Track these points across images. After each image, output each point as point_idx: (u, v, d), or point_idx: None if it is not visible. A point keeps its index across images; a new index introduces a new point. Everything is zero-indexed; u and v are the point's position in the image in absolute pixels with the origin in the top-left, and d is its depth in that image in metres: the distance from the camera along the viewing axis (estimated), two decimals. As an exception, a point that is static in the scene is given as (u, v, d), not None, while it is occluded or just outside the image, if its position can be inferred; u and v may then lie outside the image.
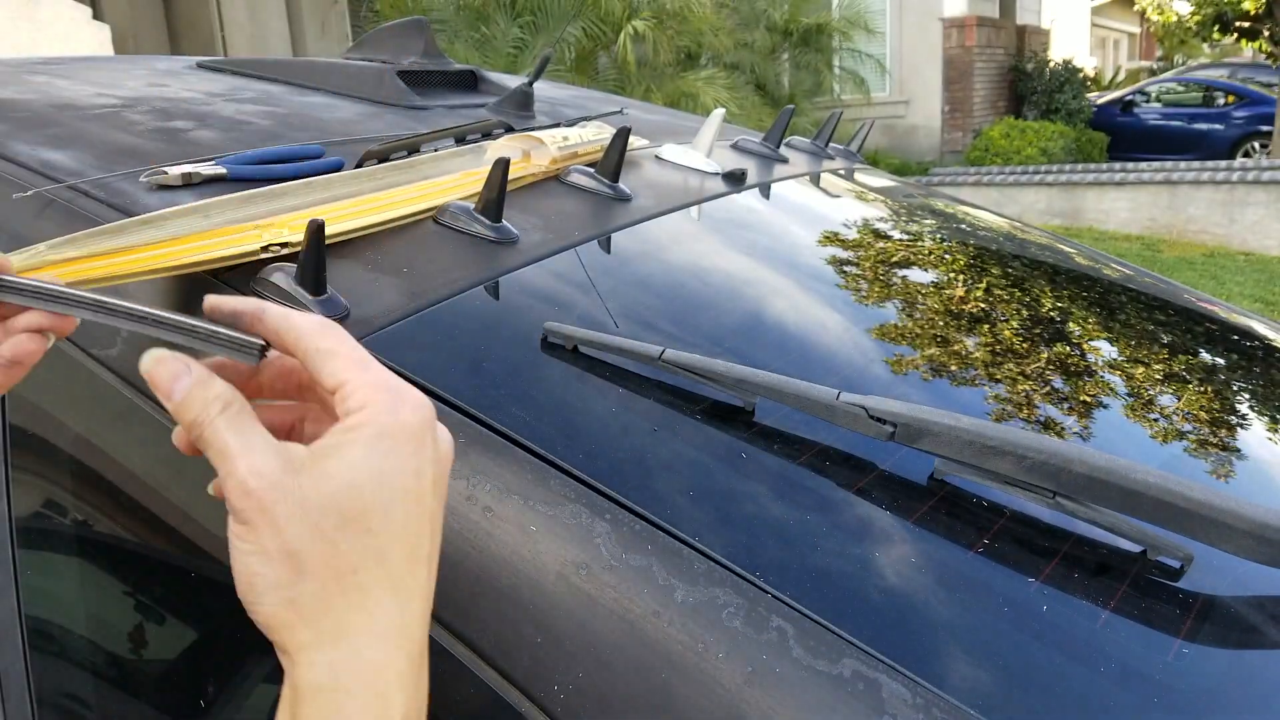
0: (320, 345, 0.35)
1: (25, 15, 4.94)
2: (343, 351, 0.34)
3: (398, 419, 0.33)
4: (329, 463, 0.33)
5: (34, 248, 0.60)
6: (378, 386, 0.34)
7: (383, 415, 0.33)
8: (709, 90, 7.32)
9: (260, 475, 0.32)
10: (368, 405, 0.33)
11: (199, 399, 0.34)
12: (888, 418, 0.55)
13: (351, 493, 0.32)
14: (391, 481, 0.33)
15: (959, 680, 0.44)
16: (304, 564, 0.32)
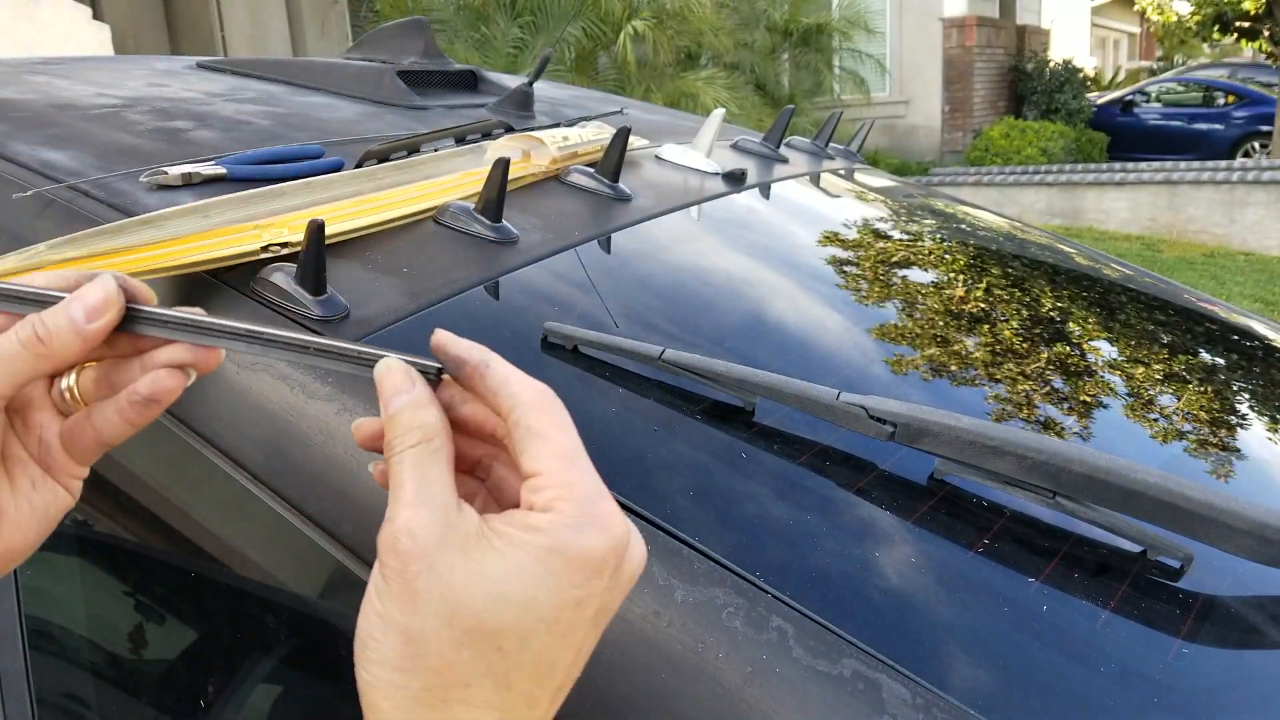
0: (532, 423, 0.31)
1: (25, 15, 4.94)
2: (553, 438, 0.31)
3: (579, 540, 0.29)
4: (489, 559, 0.29)
5: (34, 248, 0.60)
6: (574, 494, 0.30)
7: (565, 530, 0.29)
8: (709, 90, 7.33)
9: (415, 538, 0.29)
10: (554, 510, 0.30)
11: (404, 422, 0.32)
12: (888, 418, 0.55)
13: (497, 605, 0.29)
14: (543, 608, 0.29)
15: (959, 680, 0.44)
16: (420, 656, 0.29)
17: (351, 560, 0.55)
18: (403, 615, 0.29)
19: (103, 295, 0.33)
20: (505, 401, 0.32)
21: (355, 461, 0.56)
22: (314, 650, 0.63)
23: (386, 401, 0.33)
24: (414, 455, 0.31)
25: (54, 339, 0.33)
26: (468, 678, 0.29)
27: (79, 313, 0.33)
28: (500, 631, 0.29)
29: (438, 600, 0.29)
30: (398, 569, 0.29)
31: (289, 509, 0.57)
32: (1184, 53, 18.99)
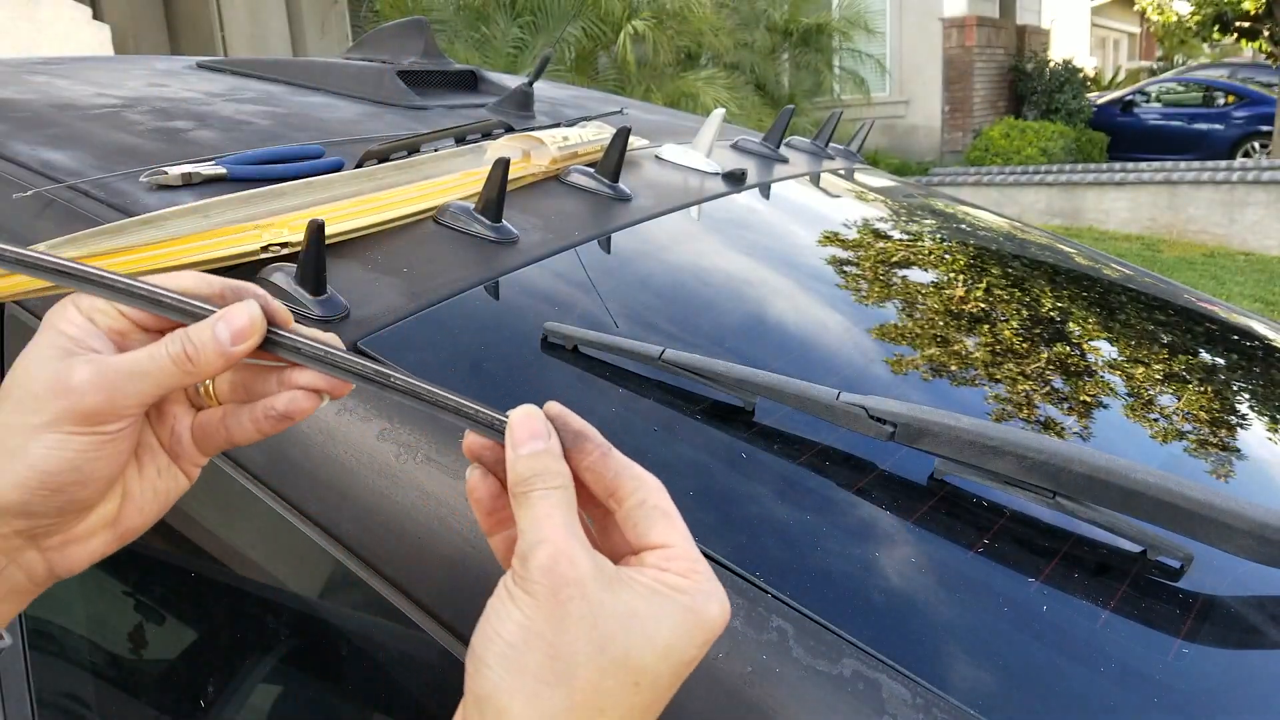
0: (660, 504, 0.35)
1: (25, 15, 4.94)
2: (678, 520, 0.35)
3: (709, 608, 0.33)
4: (637, 601, 0.32)
5: (33, 248, 0.60)
6: (703, 570, 0.34)
7: (699, 598, 0.33)
8: (709, 90, 7.32)
9: (575, 565, 0.32)
10: (691, 578, 0.33)
11: (545, 467, 0.34)
12: (888, 418, 0.55)
13: (645, 645, 0.32)
14: (676, 657, 0.32)
15: (959, 680, 0.44)
16: (567, 675, 0.31)
17: (351, 560, 0.55)
18: (553, 633, 0.31)
19: (248, 321, 0.36)
20: (630, 483, 0.35)
21: (355, 461, 0.56)
22: (314, 650, 0.63)
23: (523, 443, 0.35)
24: (558, 496, 0.34)
25: (200, 357, 0.36)
26: (604, 705, 0.31)
27: (224, 334, 0.36)
28: (642, 669, 0.32)
29: (590, 627, 0.31)
30: (550, 589, 0.31)
31: (289, 509, 0.57)
32: (1184, 53, 18.99)
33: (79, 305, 0.36)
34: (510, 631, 0.32)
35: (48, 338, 0.36)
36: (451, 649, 0.50)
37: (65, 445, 0.34)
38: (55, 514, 0.36)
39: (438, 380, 0.58)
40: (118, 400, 0.35)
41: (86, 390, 0.34)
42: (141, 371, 0.35)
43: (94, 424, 0.35)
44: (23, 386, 0.35)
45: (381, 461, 0.55)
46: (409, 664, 0.56)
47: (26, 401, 0.34)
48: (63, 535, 0.37)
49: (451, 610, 0.51)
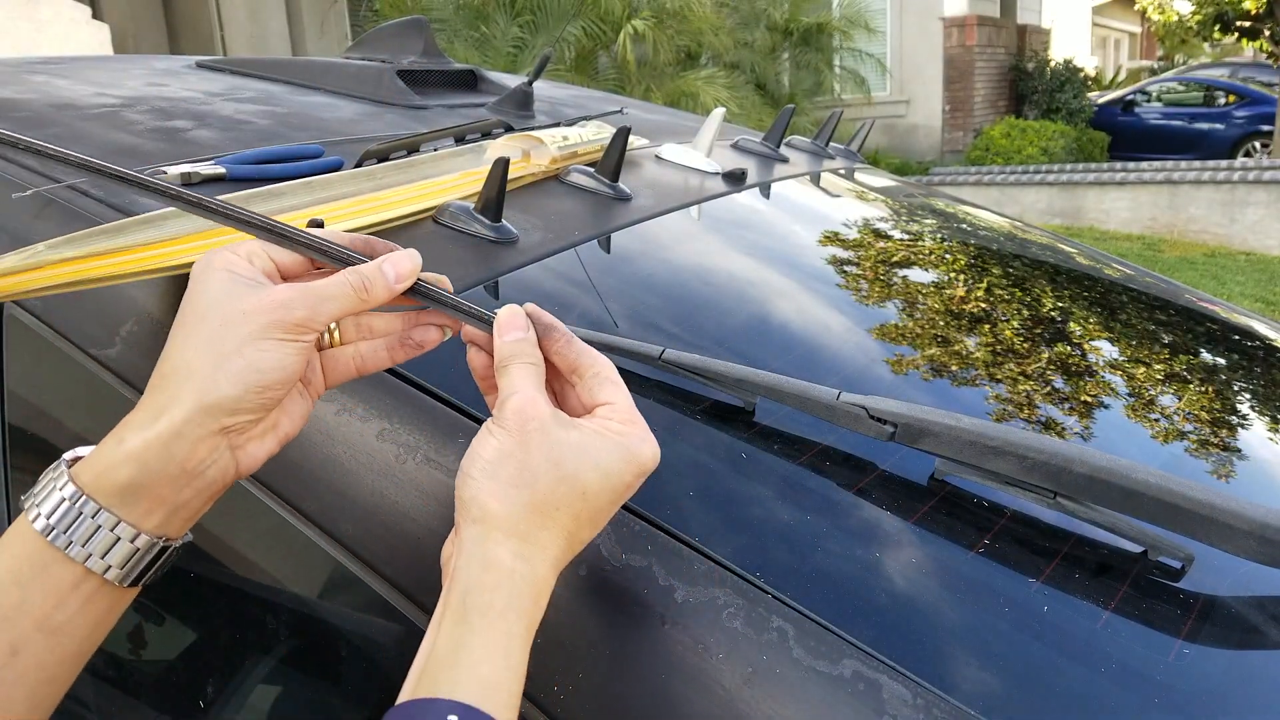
0: (610, 376, 0.46)
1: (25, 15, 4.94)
2: (622, 389, 0.46)
3: (642, 449, 0.44)
4: (586, 438, 0.43)
5: (33, 247, 0.60)
6: (639, 422, 0.45)
7: (634, 440, 0.44)
8: (709, 90, 7.32)
9: (537, 409, 0.43)
10: (629, 426, 0.44)
11: (523, 350, 0.45)
12: (888, 418, 0.55)
13: (589, 466, 0.42)
14: (613, 480, 0.43)
15: (960, 680, 0.44)
16: (529, 481, 0.41)
17: (350, 559, 0.55)
18: (521, 453, 0.42)
19: (410, 265, 0.46)
20: (587, 360, 0.47)
21: (355, 463, 0.56)
22: (313, 650, 0.63)
23: (507, 332, 0.46)
24: (530, 369, 0.45)
25: (373, 288, 0.45)
26: (559, 505, 0.42)
27: (391, 273, 0.45)
28: (587, 484, 0.42)
29: (548, 450, 0.42)
30: (519, 425, 0.42)
31: (289, 509, 0.57)
32: (1185, 52, 18.98)
33: (237, 251, 0.44)
34: (489, 451, 0.42)
35: (221, 275, 0.43)
36: (451, 649, 0.50)
37: (277, 349, 0.42)
38: (257, 410, 0.42)
39: (439, 380, 0.58)
40: (315, 313, 0.43)
41: (294, 304, 0.42)
42: (330, 294, 0.43)
43: (297, 332, 0.42)
44: (225, 307, 0.42)
45: (381, 462, 0.55)
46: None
47: (236, 317, 0.41)
48: (248, 434, 0.44)
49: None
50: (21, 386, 0.77)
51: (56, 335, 0.71)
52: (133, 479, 0.41)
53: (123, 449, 0.41)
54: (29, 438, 0.78)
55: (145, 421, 0.41)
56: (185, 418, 0.41)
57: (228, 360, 0.41)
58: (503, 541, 0.40)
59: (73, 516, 0.40)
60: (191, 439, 0.41)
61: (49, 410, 0.78)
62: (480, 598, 0.39)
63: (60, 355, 0.70)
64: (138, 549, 0.42)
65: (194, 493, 0.42)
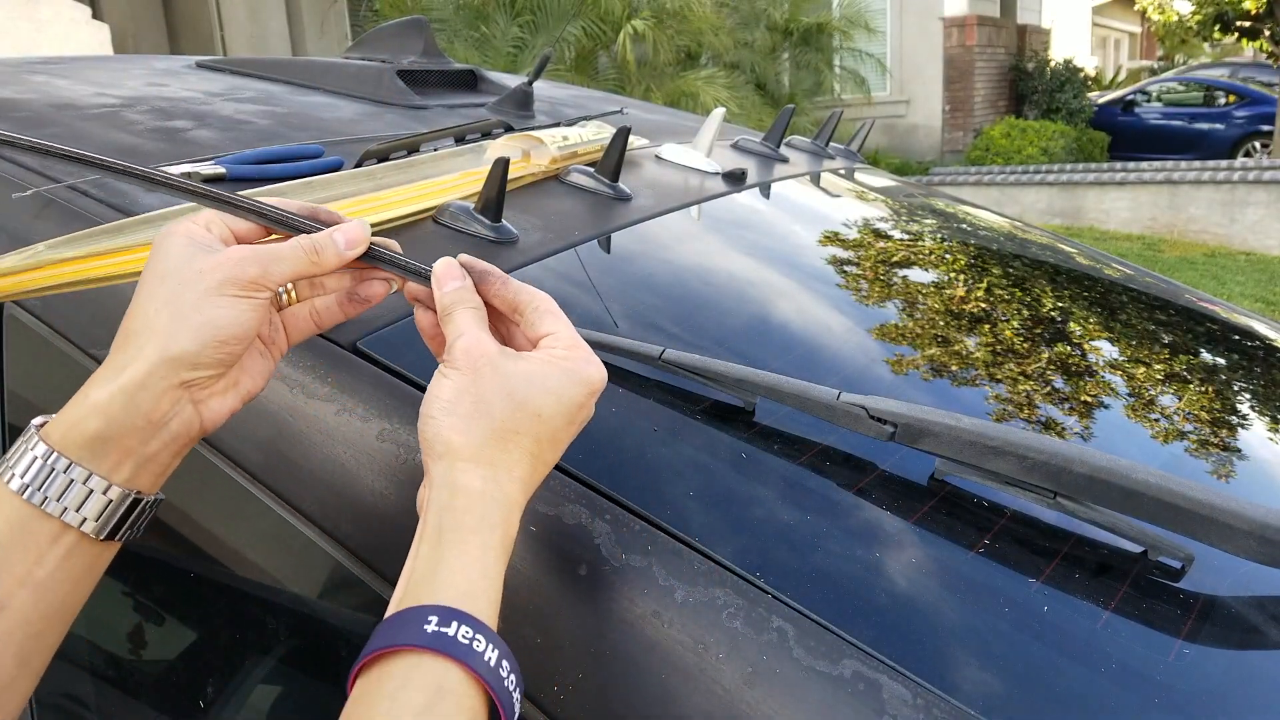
0: (549, 309, 0.48)
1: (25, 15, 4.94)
2: (562, 318, 0.48)
3: (587, 370, 0.46)
4: (533, 366, 0.45)
5: (33, 247, 0.60)
6: (580, 346, 0.47)
7: (579, 363, 0.46)
8: (709, 90, 7.32)
9: (483, 347, 0.45)
10: (573, 350, 0.47)
11: (463, 297, 0.48)
12: (888, 418, 0.55)
13: (539, 391, 0.44)
14: (564, 401, 0.45)
15: (960, 680, 0.44)
16: (485, 412, 0.43)
17: (350, 559, 0.55)
18: (474, 387, 0.44)
19: (360, 233, 0.49)
20: (525, 296, 0.49)
21: (354, 461, 0.56)
22: (313, 650, 0.63)
23: (445, 282, 0.48)
24: (472, 314, 0.47)
25: (323, 254, 0.47)
26: (518, 429, 0.44)
27: (341, 240, 0.48)
28: (541, 407, 0.44)
29: (500, 382, 0.44)
30: (469, 365, 0.44)
31: (288, 509, 0.57)
32: (1185, 52, 18.97)
33: (196, 220, 0.47)
34: (445, 391, 0.44)
35: (180, 240, 0.45)
36: (451, 649, 0.50)
37: (233, 305, 0.44)
38: (215, 365, 0.44)
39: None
40: (267, 273, 0.45)
41: (248, 263, 0.45)
42: (283, 256, 0.46)
43: (251, 290, 0.45)
44: (184, 268, 0.44)
45: (381, 462, 0.55)
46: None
47: (192, 277, 0.44)
48: (210, 390, 0.46)
49: (451, 611, 0.51)
50: (21, 386, 0.77)
51: (56, 335, 0.71)
52: (99, 430, 0.42)
53: (88, 402, 0.43)
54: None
55: (110, 376, 0.43)
56: (148, 370, 0.43)
57: (186, 316, 0.43)
58: (469, 469, 0.42)
59: (45, 473, 0.42)
60: (155, 391, 0.43)
61: (49, 410, 0.78)
62: (452, 519, 0.41)
63: (60, 355, 0.70)
64: (110, 500, 0.43)
65: (160, 445, 0.44)
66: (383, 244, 0.51)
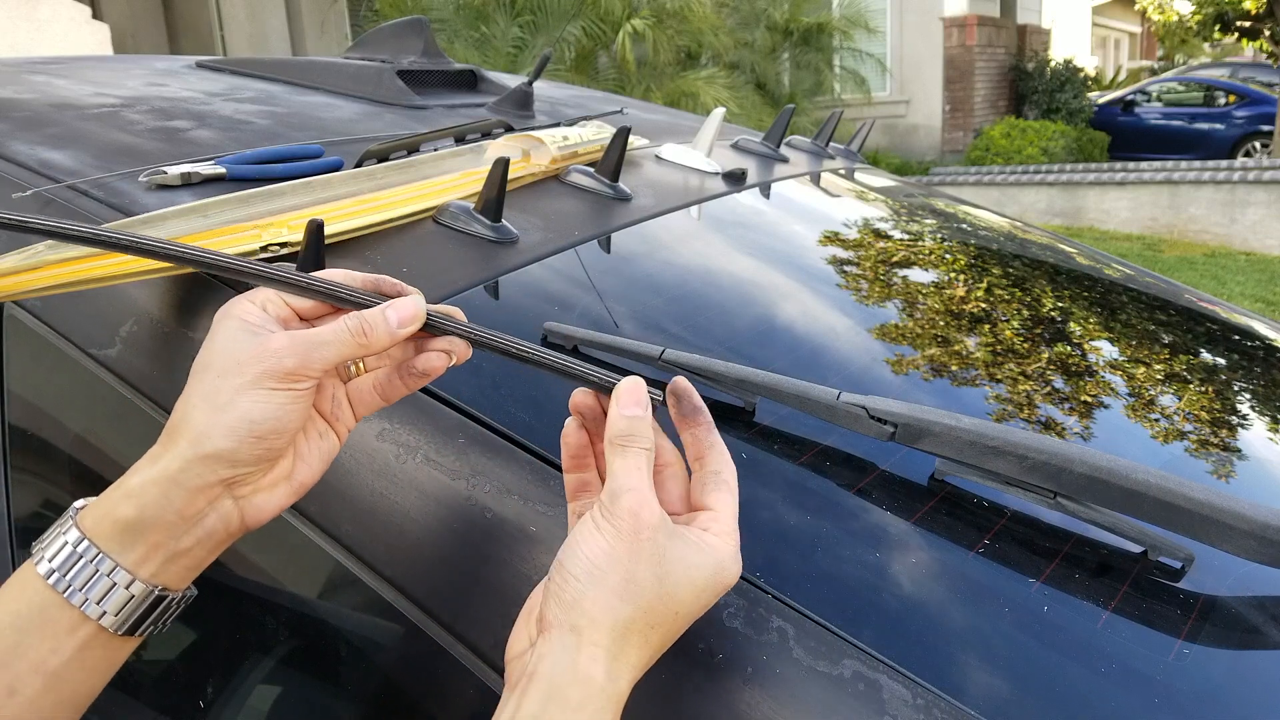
0: (727, 478, 0.45)
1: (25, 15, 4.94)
2: (734, 494, 0.45)
3: (732, 568, 0.43)
4: (689, 551, 0.41)
5: (33, 247, 0.60)
6: (735, 536, 0.43)
7: (728, 558, 0.43)
8: (709, 90, 7.32)
9: (653, 515, 0.41)
10: (723, 540, 0.43)
11: (641, 429, 0.43)
12: (888, 418, 0.55)
13: (687, 584, 0.41)
14: (702, 598, 0.42)
15: (960, 681, 0.44)
16: (635, 594, 0.40)
17: (350, 559, 0.54)
18: (629, 561, 0.40)
19: (413, 310, 0.46)
20: (716, 455, 0.45)
21: (354, 462, 0.56)
22: (313, 651, 0.63)
23: (627, 406, 0.44)
24: (645, 455, 0.43)
25: (373, 335, 0.44)
26: (655, 623, 0.40)
27: (394, 319, 0.45)
28: (682, 601, 0.41)
29: (656, 564, 0.40)
30: (632, 529, 0.40)
31: (288, 509, 0.57)
32: (1185, 52, 18.97)
33: (253, 299, 0.45)
34: (596, 553, 0.40)
35: (231, 324, 0.43)
36: (451, 649, 0.50)
37: (269, 399, 0.41)
38: (255, 461, 0.42)
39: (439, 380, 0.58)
40: (308, 362, 0.42)
41: (285, 354, 0.42)
42: (326, 341, 0.43)
43: (289, 382, 0.42)
44: (224, 357, 0.42)
45: (381, 462, 0.55)
46: (408, 664, 0.56)
47: (231, 368, 0.42)
48: (254, 485, 0.43)
49: (450, 610, 0.51)
50: (21, 386, 0.77)
51: (56, 335, 0.71)
52: (131, 519, 0.41)
53: (123, 489, 0.41)
54: (29, 438, 0.78)
55: (147, 465, 0.42)
56: (181, 466, 0.41)
57: (222, 412, 0.41)
58: (598, 657, 0.39)
59: (74, 560, 0.41)
60: (189, 487, 0.41)
61: (49, 410, 0.78)
62: (564, 715, 0.37)
63: (60, 355, 0.70)
64: (133, 595, 0.41)
65: (194, 541, 0.42)
66: (445, 313, 0.48)
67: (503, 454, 0.54)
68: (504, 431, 0.55)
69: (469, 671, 0.49)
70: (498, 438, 0.55)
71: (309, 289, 0.46)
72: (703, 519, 0.44)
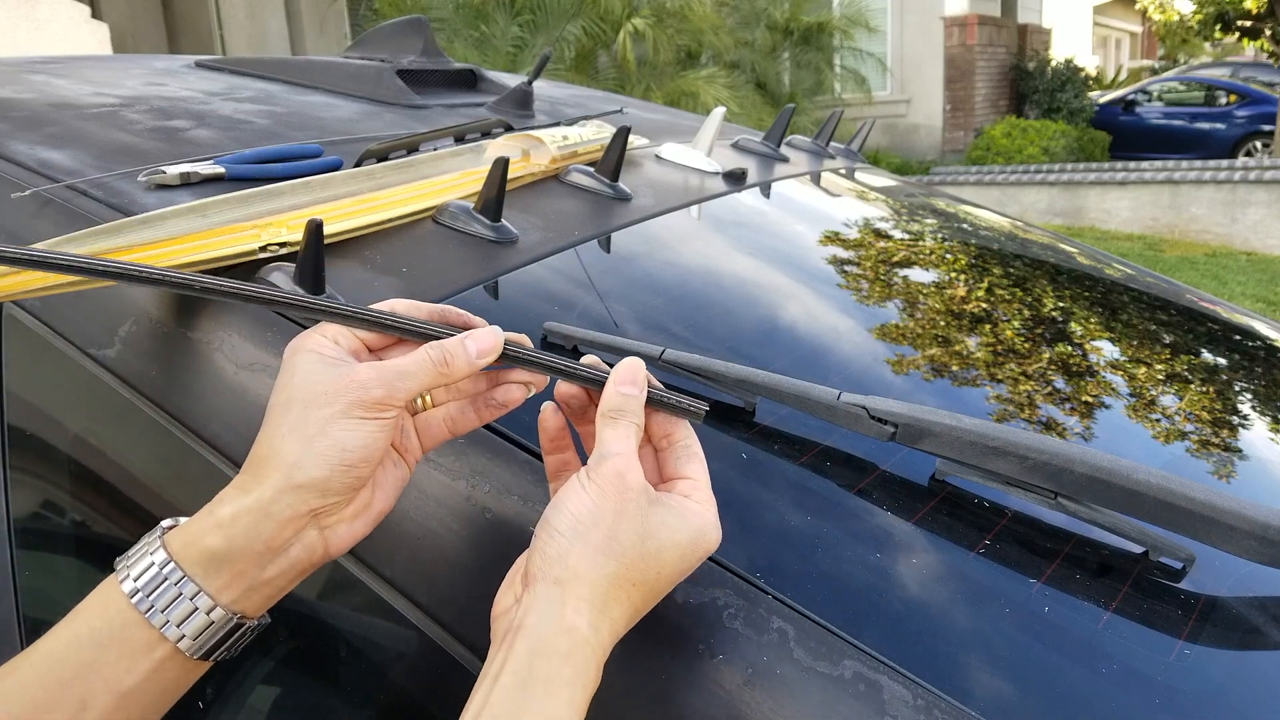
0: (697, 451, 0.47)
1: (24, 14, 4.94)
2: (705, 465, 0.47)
3: (712, 534, 0.44)
4: (669, 517, 0.43)
5: (32, 247, 0.60)
6: (713, 503, 0.45)
7: (708, 523, 0.44)
8: (709, 89, 7.32)
9: (638, 479, 0.43)
10: (704, 506, 0.45)
11: (633, 405, 0.46)
12: (889, 418, 0.55)
13: (669, 544, 0.43)
14: (683, 559, 0.43)
15: (961, 681, 0.44)
16: (617, 551, 0.41)
17: (350, 560, 0.54)
18: (613, 519, 0.41)
19: (492, 341, 0.47)
20: (684, 430, 0.48)
21: (354, 462, 0.55)
22: (313, 651, 0.63)
23: (623, 384, 0.46)
24: (634, 429, 0.45)
25: (453, 364, 0.46)
26: (635, 580, 0.42)
27: (474, 349, 0.46)
28: (663, 562, 0.42)
29: (638, 525, 0.42)
30: (617, 489, 0.42)
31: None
32: (1186, 52, 18.96)
33: (324, 333, 0.46)
34: (581, 510, 0.42)
35: (309, 357, 0.44)
36: (450, 649, 0.50)
37: (359, 428, 0.43)
38: (344, 490, 0.43)
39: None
40: (394, 392, 0.44)
41: (372, 384, 0.43)
42: (410, 372, 0.44)
43: (377, 411, 0.43)
44: (308, 390, 0.43)
45: (380, 462, 0.55)
46: (408, 664, 0.56)
47: (318, 399, 0.43)
48: (338, 515, 0.44)
49: (450, 611, 0.50)
50: (21, 386, 0.77)
51: (56, 335, 0.71)
52: (218, 548, 0.42)
53: (213, 518, 0.42)
54: (28, 438, 0.78)
55: (237, 496, 0.42)
56: (273, 497, 0.42)
57: (313, 442, 0.42)
58: (581, 610, 0.40)
59: (158, 582, 0.41)
60: (280, 519, 0.42)
61: (48, 410, 0.78)
62: (549, 664, 0.38)
63: (60, 355, 0.70)
64: (212, 621, 0.42)
65: (277, 571, 0.43)
66: (516, 341, 0.49)
67: (503, 454, 0.54)
68: (504, 431, 0.55)
69: (468, 671, 0.49)
70: (498, 438, 0.55)
71: (379, 324, 0.47)
72: (682, 486, 0.46)
